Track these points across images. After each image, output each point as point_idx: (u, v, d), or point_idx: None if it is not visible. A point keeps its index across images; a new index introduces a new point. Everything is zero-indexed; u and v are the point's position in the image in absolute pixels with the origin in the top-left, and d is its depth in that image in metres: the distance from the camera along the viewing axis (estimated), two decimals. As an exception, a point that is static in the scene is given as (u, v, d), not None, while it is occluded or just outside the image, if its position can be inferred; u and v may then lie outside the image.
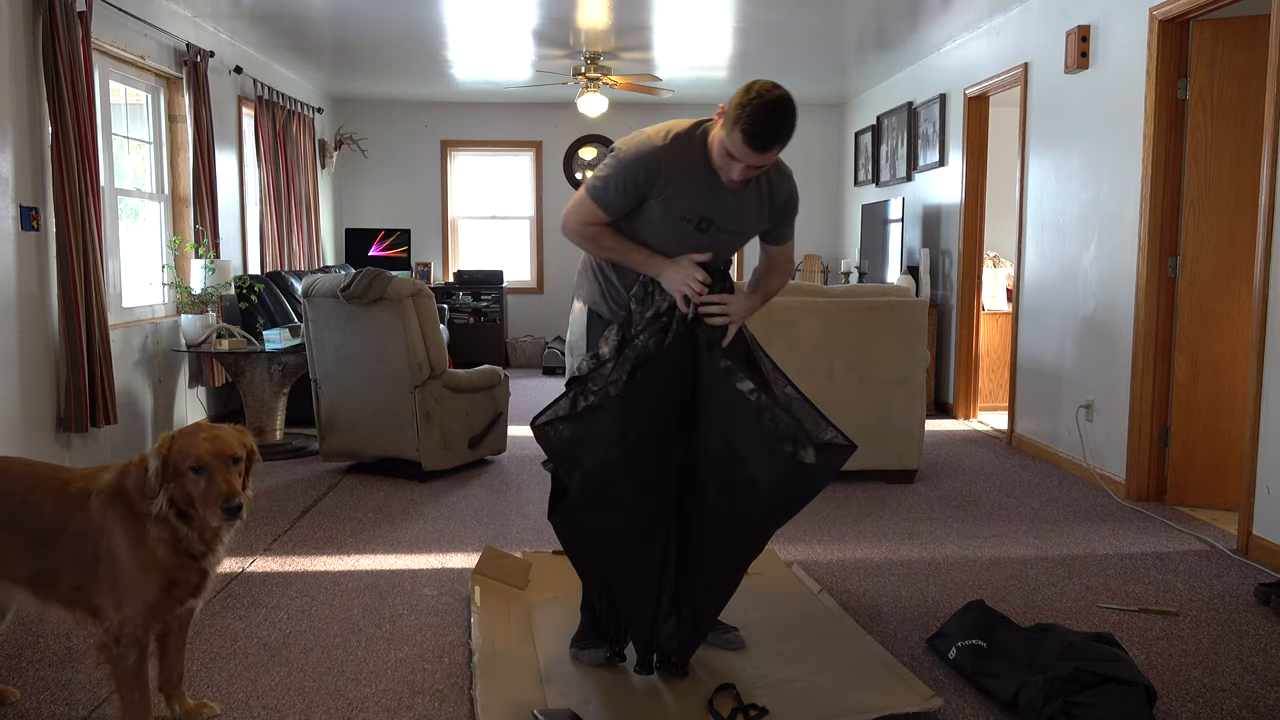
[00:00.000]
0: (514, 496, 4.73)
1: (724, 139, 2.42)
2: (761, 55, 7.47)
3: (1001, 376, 6.92)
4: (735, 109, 2.38)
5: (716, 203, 2.57)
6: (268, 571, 3.61)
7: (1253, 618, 3.21)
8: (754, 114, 2.35)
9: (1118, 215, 4.85)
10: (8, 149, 4.24)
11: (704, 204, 2.56)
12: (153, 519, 2.19)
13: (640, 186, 2.53)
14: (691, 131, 2.56)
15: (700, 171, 2.54)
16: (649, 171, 2.52)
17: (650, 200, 2.55)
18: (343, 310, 4.89)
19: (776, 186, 2.66)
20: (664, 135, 2.54)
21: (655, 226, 2.59)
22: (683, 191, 2.54)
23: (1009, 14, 6.06)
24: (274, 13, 6.16)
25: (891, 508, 4.51)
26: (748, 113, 2.35)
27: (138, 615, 2.20)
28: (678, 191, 2.54)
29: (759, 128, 2.35)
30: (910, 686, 2.58)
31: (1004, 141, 7.16)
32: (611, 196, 2.56)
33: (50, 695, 2.60)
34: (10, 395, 4.23)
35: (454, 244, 10.14)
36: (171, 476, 2.19)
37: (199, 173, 5.96)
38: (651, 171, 2.51)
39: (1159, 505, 4.59)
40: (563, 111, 9.76)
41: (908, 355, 4.82)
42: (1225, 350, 4.47)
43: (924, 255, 7.23)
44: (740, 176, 2.48)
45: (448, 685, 2.68)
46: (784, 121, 2.38)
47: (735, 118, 2.37)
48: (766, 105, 2.35)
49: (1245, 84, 4.33)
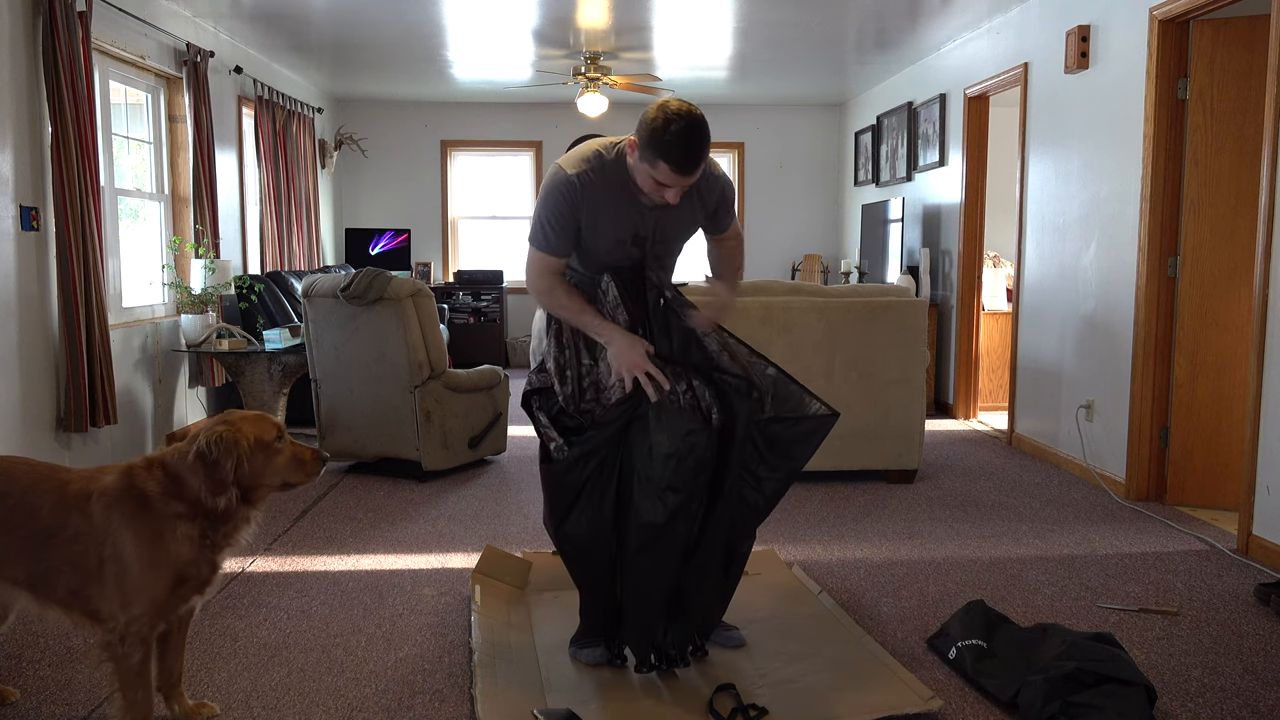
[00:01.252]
0: (514, 496, 4.73)
1: (648, 171, 2.44)
2: (761, 55, 7.47)
3: (1001, 376, 6.92)
4: (651, 144, 2.39)
5: (645, 219, 2.60)
6: (268, 571, 3.61)
7: (1253, 618, 3.21)
8: (673, 144, 2.37)
9: (1118, 215, 4.85)
10: (8, 149, 4.24)
11: (633, 223, 2.59)
12: (183, 518, 2.21)
13: (568, 218, 2.55)
14: (603, 156, 2.56)
15: (623, 193, 2.56)
16: (571, 204, 2.54)
17: (582, 227, 2.58)
18: (343, 310, 4.89)
19: (705, 191, 2.67)
20: (575, 165, 2.54)
21: (592, 250, 2.62)
22: (609, 216, 2.57)
23: (1009, 14, 6.06)
24: (274, 13, 6.16)
25: (891, 508, 4.51)
26: (667, 145, 2.37)
27: (145, 614, 2.20)
28: (604, 217, 2.56)
29: (682, 155, 2.38)
30: (910, 687, 2.58)
31: (1004, 141, 7.16)
32: (551, 237, 2.57)
33: (50, 695, 2.60)
34: (10, 395, 4.23)
35: (454, 244, 10.14)
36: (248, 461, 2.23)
37: (199, 173, 5.96)
38: (574, 203, 2.54)
39: (1159, 505, 4.59)
40: (563, 111, 9.76)
41: (908, 355, 4.82)
42: (1225, 350, 4.47)
43: (924, 255, 7.23)
44: (677, 199, 2.51)
45: (448, 685, 2.68)
46: (704, 141, 2.41)
47: (655, 150, 2.39)
48: (681, 134, 2.37)
49: (1245, 84, 4.33)
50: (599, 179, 2.54)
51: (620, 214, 2.57)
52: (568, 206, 2.53)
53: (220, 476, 2.21)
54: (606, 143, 2.60)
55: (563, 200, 2.53)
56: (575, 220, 2.55)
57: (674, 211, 2.62)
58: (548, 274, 2.62)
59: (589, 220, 2.56)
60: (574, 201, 2.53)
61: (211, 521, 2.25)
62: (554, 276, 2.62)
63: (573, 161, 2.56)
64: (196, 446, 2.22)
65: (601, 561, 2.65)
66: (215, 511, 2.24)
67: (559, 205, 2.54)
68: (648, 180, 2.47)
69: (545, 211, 2.56)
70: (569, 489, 2.60)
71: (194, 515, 2.22)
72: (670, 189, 2.47)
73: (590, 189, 2.53)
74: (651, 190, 2.50)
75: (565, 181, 2.53)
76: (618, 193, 2.55)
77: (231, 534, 2.30)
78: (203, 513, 2.23)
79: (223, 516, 2.26)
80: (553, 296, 2.62)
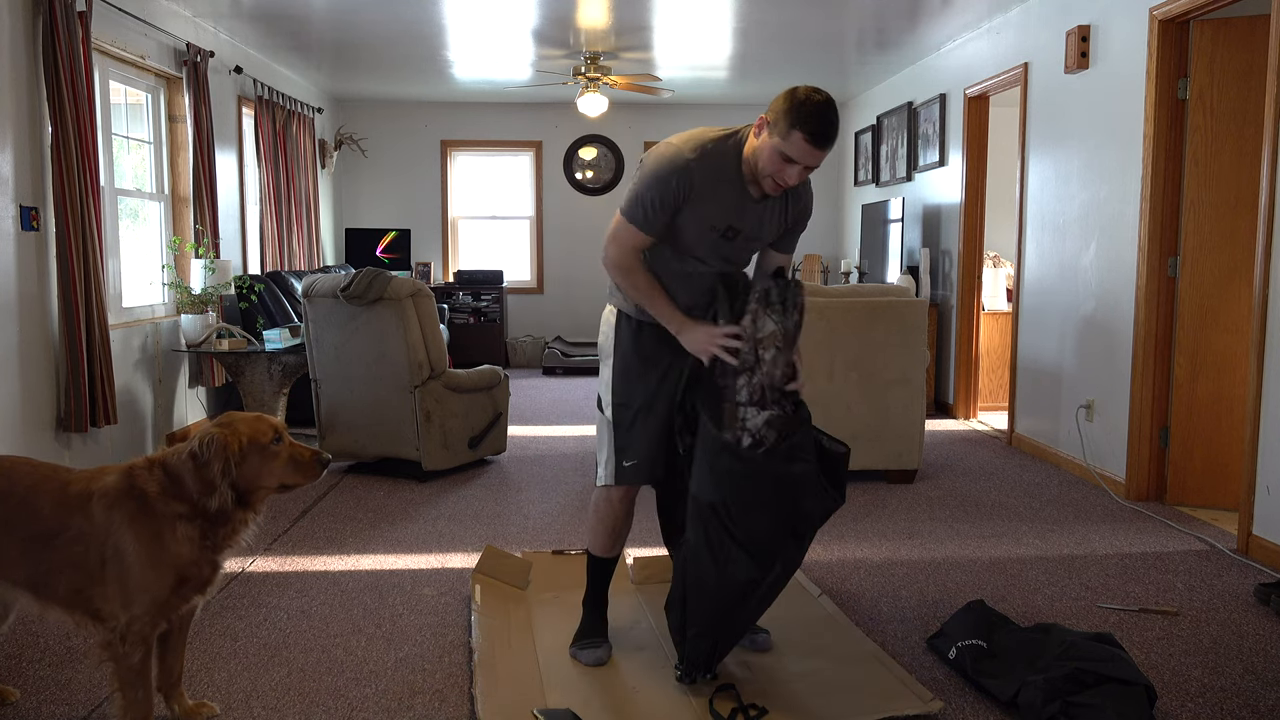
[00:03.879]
0: (514, 496, 4.73)
1: (777, 144, 2.41)
2: (761, 55, 7.47)
3: (1001, 376, 6.92)
4: (788, 114, 2.38)
5: (744, 213, 2.58)
6: (268, 571, 3.61)
7: (1253, 618, 3.21)
8: (812, 114, 2.37)
9: (1118, 215, 4.85)
10: (8, 149, 4.24)
11: (733, 215, 2.57)
12: (183, 518, 2.21)
13: (674, 200, 2.51)
14: (723, 143, 2.54)
15: (733, 183, 2.54)
16: (681, 184, 2.50)
17: (682, 210, 2.54)
18: (343, 310, 4.89)
19: (801, 195, 2.67)
20: (694, 147, 2.51)
21: (683, 235, 2.58)
22: (714, 203, 2.54)
23: (1009, 14, 6.06)
24: (274, 13, 6.16)
25: (891, 508, 4.51)
26: (806, 114, 2.37)
27: (146, 614, 2.20)
28: (709, 203, 2.53)
29: (819, 126, 2.37)
30: (910, 689, 2.58)
31: (1004, 141, 7.17)
32: (648, 214, 2.53)
33: (50, 695, 2.60)
34: (10, 395, 4.23)
35: (454, 244, 10.14)
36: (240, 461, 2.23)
37: (199, 173, 5.96)
38: (684, 184, 2.50)
39: (1159, 505, 4.59)
40: (563, 111, 9.76)
41: (908, 355, 4.82)
42: (1225, 350, 4.47)
43: (924, 255, 7.23)
44: (798, 179, 2.48)
45: (448, 685, 2.68)
46: (837, 120, 2.43)
47: (792, 121, 2.38)
48: (821, 105, 2.39)
49: (1245, 84, 4.33)
50: (714, 164, 2.51)
51: (724, 203, 2.54)
52: (676, 187, 2.49)
53: (209, 477, 2.21)
54: (719, 131, 2.57)
55: (676, 180, 2.49)
56: (680, 203, 2.51)
57: (768, 212, 2.60)
58: (631, 252, 2.58)
59: (695, 201, 2.52)
60: (685, 183, 2.49)
61: (212, 522, 2.25)
62: (637, 255, 2.59)
63: (691, 143, 2.52)
64: (190, 447, 2.23)
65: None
66: (212, 512, 2.24)
67: (668, 184, 2.49)
68: (774, 158, 2.43)
69: (650, 189, 2.50)
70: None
71: (195, 515, 2.23)
72: (794, 168, 2.43)
73: (706, 171, 2.50)
74: (775, 170, 2.45)
75: (683, 162, 2.48)
76: (728, 181, 2.53)
77: (232, 534, 2.31)
78: (203, 513, 2.23)
79: (222, 517, 2.26)
80: (631, 278, 2.59)
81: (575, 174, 10.05)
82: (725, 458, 2.46)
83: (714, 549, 2.48)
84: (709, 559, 2.49)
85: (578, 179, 10.07)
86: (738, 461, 2.44)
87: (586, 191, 10.08)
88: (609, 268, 2.63)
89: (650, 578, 3.40)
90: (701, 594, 2.53)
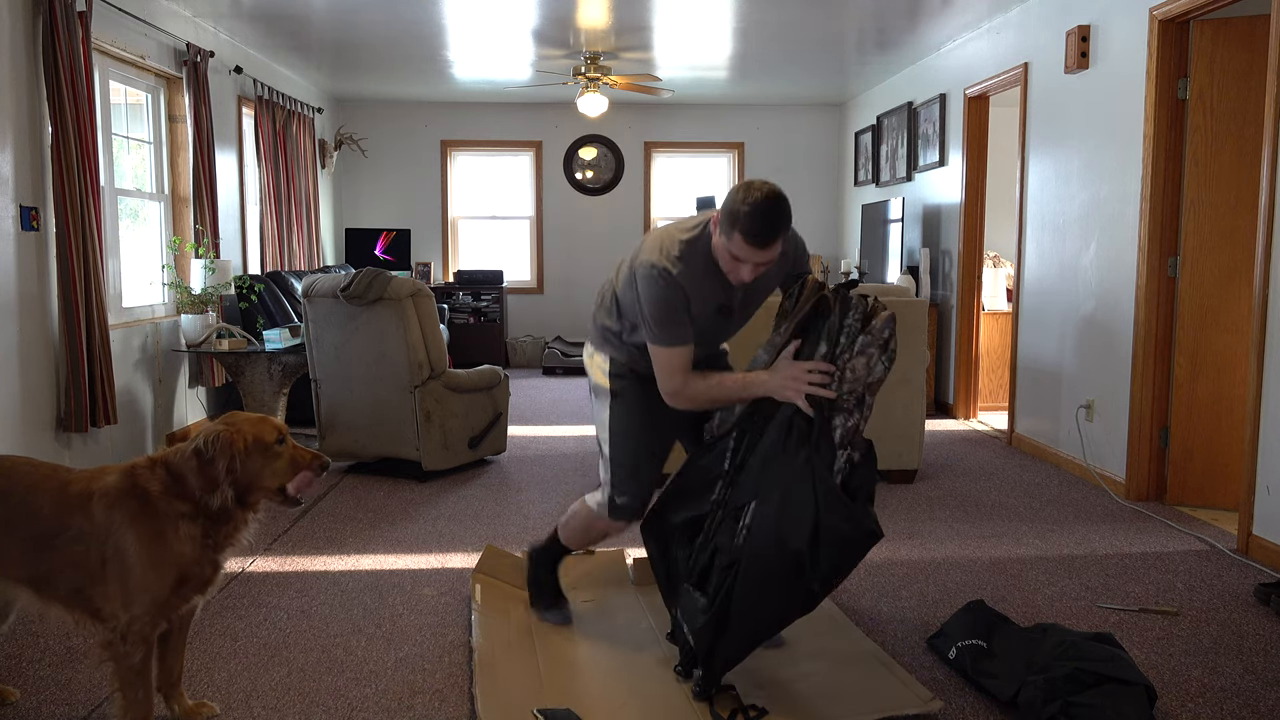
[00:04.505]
0: (514, 496, 4.73)
1: (725, 245, 2.48)
2: (761, 55, 7.47)
3: (1001, 376, 6.92)
4: (728, 215, 2.45)
5: (733, 291, 2.66)
6: (268, 571, 3.61)
7: (1253, 618, 3.21)
8: (749, 214, 2.41)
9: (1118, 215, 4.85)
10: (8, 149, 4.24)
11: (723, 296, 2.64)
12: (185, 517, 2.21)
13: (684, 308, 2.58)
14: (693, 245, 2.59)
15: (713, 274, 2.60)
16: (680, 297, 2.57)
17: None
18: (343, 310, 4.89)
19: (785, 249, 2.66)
20: (672, 260, 2.57)
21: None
22: (705, 296, 2.61)
23: (1009, 14, 6.06)
24: (274, 13, 6.16)
25: (891, 508, 4.51)
26: (744, 214, 2.42)
27: (146, 613, 2.20)
28: (701, 298, 2.61)
29: (754, 226, 2.41)
30: (910, 689, 2.58)
31: (1004, 141, 7.17)
32: (680, 326, 2.59)
33: (50, 695, 2.60)
34: (10, 395, 4.23)
35: (454, 244, 10.14)
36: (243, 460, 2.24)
37: (199, 173, 5.96)
38: (682, 295, 2.57)
39: (1159, 505, 4.59)
40: (563, 111, 9.77)
41: (908, 355, 4.81)
42: (1225, 350, 4.47)
43: (924, 255, 7.23)
44: (751, 276, 2.52)
45: (448, 685, 2.68)
46: (780, 216, 2.44)
47: (731, 222, 2.44)
48: (759, 204, 2.41)
49: (1245, 84, 4.33)
50: (692, 268, 2.57)
51: (712, 291, 2.62)
52: (678, 298, 2.56)
53: (212, 474, 2.21)
54: (685, 233, 2.61)
55: (672, 293, 2.56)
56: (687, 307, 2.58)
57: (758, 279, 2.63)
58: (681, 370, 2.61)
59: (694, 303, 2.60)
60: (681, 291, 2.56)
61: (214, 521, 2.25)
62: (686, 371, 2.62)
63: (666, 256, 2.57)
64: (194, 444, 2.23)
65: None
66: (214, 510, 2.24)
67: (669, 299, 2.56)
68: (725, 258, 2.51)
69: (663, 308, 2.57)
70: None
71: (196, 515, 2.23)
72: (745, 265, 2.48)
73: (690, 278, 2.57)
74: (730, 269, 2.53)
75: (671, 277, 2.56)
76: (710, 276, 2.60)
77: (233, 533, 2.31)
78: (205, 512, 2.24)
79: (224, 515, 2.26)
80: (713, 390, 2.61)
81: (575, 174, 10.05)
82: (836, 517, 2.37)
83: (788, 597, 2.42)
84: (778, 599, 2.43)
85: (578, 179, 10.07)
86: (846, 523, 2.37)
87: (586, 191, 10.08)
88: (699, 400, 2.63)
89: (650, 578, 3.40)
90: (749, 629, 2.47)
